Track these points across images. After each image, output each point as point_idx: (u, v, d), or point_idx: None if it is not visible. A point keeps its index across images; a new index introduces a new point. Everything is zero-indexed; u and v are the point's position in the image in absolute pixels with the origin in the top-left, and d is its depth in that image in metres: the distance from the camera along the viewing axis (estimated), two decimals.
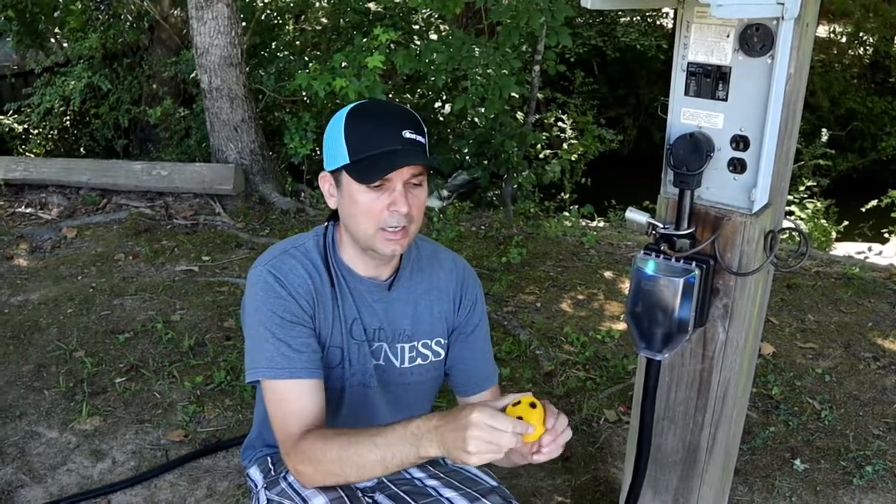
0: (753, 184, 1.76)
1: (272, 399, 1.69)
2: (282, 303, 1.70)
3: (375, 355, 1.83)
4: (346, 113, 1.70)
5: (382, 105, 1.82)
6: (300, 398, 1.67)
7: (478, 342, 1.94)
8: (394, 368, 1.86)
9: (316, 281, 1.75)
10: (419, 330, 1.86)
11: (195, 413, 3.35)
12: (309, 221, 5.64)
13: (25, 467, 3.00)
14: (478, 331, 1.94)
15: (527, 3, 5.51)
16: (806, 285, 4.68)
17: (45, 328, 4.06)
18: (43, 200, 5.92)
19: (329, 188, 1.75)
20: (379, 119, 1.69)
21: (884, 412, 3.45)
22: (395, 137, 1.65)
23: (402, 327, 1.84)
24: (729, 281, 1.87)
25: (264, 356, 1.68)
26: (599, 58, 12.04)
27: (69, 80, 7.72)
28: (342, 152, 1.67)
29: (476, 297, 1.94)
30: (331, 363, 1.79)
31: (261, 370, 1.69)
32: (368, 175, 1.63)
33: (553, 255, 5.16)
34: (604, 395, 3.54)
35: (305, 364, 1.68)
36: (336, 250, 1.80)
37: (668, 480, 2.19)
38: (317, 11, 8.39)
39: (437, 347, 1.89)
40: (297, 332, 1.70)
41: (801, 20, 1.68)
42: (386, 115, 1.71)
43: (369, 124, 1.68)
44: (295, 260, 1.75)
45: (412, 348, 1.86)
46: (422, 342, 1.87)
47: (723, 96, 1.75)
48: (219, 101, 5.92)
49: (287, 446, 1.65)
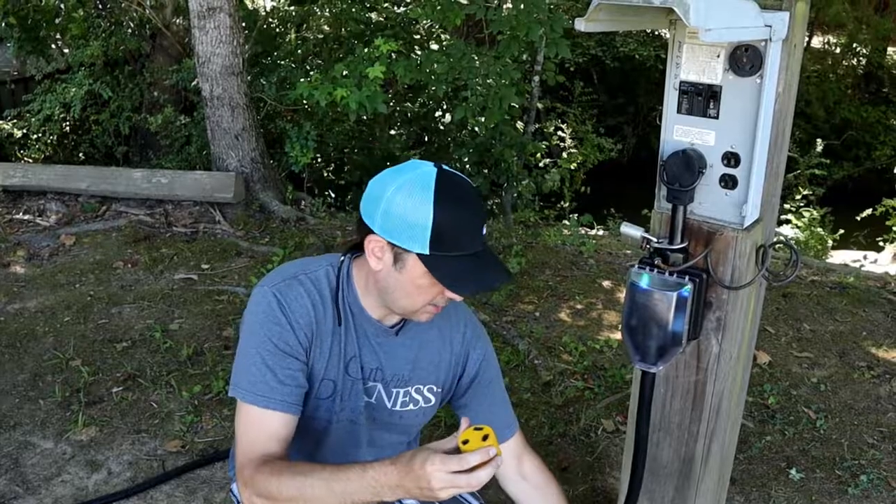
0: (744, 199, 1.79)
1: (243, 421, 1.69)
2: (279, 330, 1.68)
3: (368, 393, 1.82)
4: (433, 191, 1.56)
5: (465, 187, 1.63)
6: (269, 430, 1.67)
7: (487, 395, 1.94)
8: (384, 409, 1.85)
9: (319, 313, 1.72)
10: (416, 375, 1.85)
11: (193, 423, 3.37)
12: (309, 230, 5.66)
13: (19, 478, 3.00)
14: (494, 383, 1.95)
15: (526, 14, 5.55)
16: (802, 294, 4.71)
17: (42, 336, 4.07)
18: (41, 207, 5.93)
19: (378, 252, 1.64)
20: (467, 210, 1.61)
21: (878, 421, 3.48)
22: (477, 236, 1.60)
23: (400, 372, 1.83)
24: (722, 294, 1.90)
25: (248, 378, 1.68)
26: (599, 67, 12.10)
27: (70, 86, 7.73)
28: (422, 239, 1.56)
29: (485, 352, 1.93)
30: (322, 395, 1.78)
31: (241, 391, 1.69)
32: (458, 286, 1.60)
33: (552, 264, 5.19)
34: (602, 404, 3.56)
35: (285, 397, 1.67)
36: (350, 286, 1.76)
37: (664, 492, 2.21)
38: (318, 20, 8.43)
39: (429, 394, 1.89)
40: (287, 363, 1.68)
41: (789, 41, 1.72)
42: (471, 203, 1.62)
43: (458, 216, 1.59)
44: (303, 288, 1.72)
45: (406, 393, 1.85)
46: (415, 387, 1.86)
47: (714, 114, 1.78)
48: (220, 109, 5.95)
49: (245, 474, 1.64)
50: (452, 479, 1.39)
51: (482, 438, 1.42)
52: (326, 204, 6.70)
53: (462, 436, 1.45)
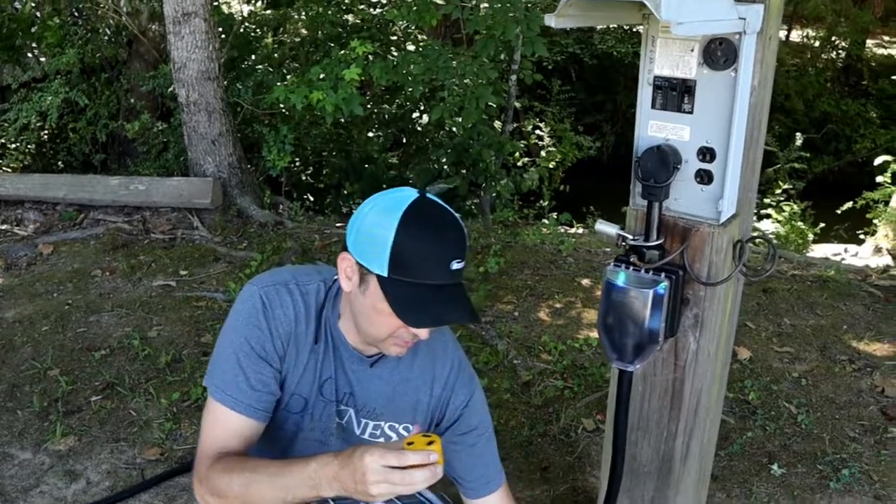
0: (720, 195, 1.78)
1: (209, 417, 1.69)
2: (258, 334, 1.67)
3: (340, 416, 1.78)
4: (401, 213, 1.52)
5: (441, 218, 1.58)
6: (232, 429, 1.66)
7: (477, 445, 1.85)
8: (353, 434, 1.80)
9: (300, 327, 1.70)
10: (389, 412, 1.79)
11: (172, 430, 3.34)
12: (287, 234, 5.63)
13: None
14: (475, 433, 1.84)
15: (503, 13, 5.54)
16: (782, 289, 4.72)
17: (20, 347, 4.03)
18: (19, 216, 5.87)
19: (348, 271, 1.61)
20: (433, 240, 1.54)
21: (859, 415, 3.48)
22: (444, 269, 1.52)
23: (372, 405, 1.78)
24: (699, 291, 1.89)
25: (221, 376, 1.68)
26: (577, 65, 12.12)
27: (46, 95, 7.67)
28: (381, 259, 1.52)
29: (469, 399, 1.83)
30: (292, 409, 1.75)
31: (213, 386, 1.69)
32: (409, 315, 1.53)
33: (531, 263, 5.17)
34: (581, 404, 3.55)
35: (253, 402, 1.66)
36: (335, 307, 1.72)
37: (644, 490, 2.20)
38: (295, 24, 8.39)
39: (404, 432, 1.81)
40: (261, 368, 1.67)
41: (764, 34, 1.71)
42: (442, 235, 1.55)
43: (422, 243, 1.52)
44: (290, 297, 1.70)
45: (377, 427, 1.80)
46: (389, 424, 1.80)
47: (689, 109, 1.77)
48: (196, 114, 5.91)
49: (200, 471, 1.64)
50: (387, 473, 1.37)
51: (427, 444, 1.42)
52: (305, 207, 6.66)
53: (409, 438, 1.44)
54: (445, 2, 6.02)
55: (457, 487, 1.91)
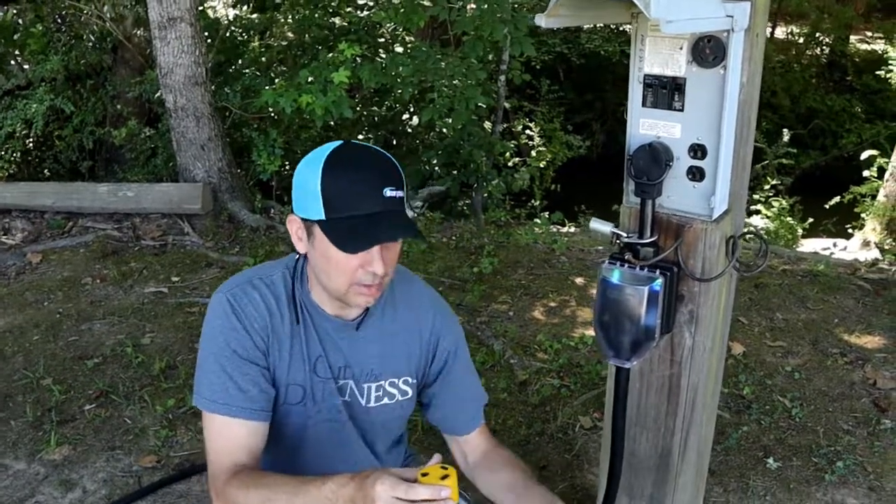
0: (712, 191, 1.79)
1: (209, 432, 1.68)
2: (235, 336, 1.67)
3: (342, 392, 1.79)
4: (323, 160, 1.59)
5: (362, 154, 1.64)
6: (235, 438, 1.66)
7: (457, 384, 1.90)
8: (360, 407, 1.82)
9: (275, 317, 1.71)
10: (387, 369, 1.82)
11: (167, 437, 3.33)
12: (279, 238, 5.63)
13: None
14: (456, 373, 1.89)
15: (490, 14, 5.54)
16: (774, 284, 4.75)
17: (11, 356, 4.01)
18: (6, 226, 5.85)
19: (298, 232, 1.67)
20: (358, 173, 1.59)
21: (852, 407, 3.51)
22: (375, 197, 1.57)
23: (368, 367, 1.80)
24: (693, 287, 1.89)
25: (209, 388, 1.67)
26: (565, 64, 12.13)
27: (31, 102, 7.63)
28: (317, 205, 1.58)
29: (456, 341, 1.89)
30: (291, 400, 1.76)
31: (203, 400, 1.68)
32: (347, 244, 1.56)
33: (524, 263, 5.19)
34: (578, 401, 3.56)
35: (247, 404, 1.66)
36: (304, 284, 1.75)
37: (643, 486, 2.21)
38: (282, 27, 8.38)
39: (404, 387, 1.85)
40: (247, 369, 1.67)
41: (752, 31, 1.72)
42: (366, 167, 1.60)
43: (348, 179, 1.58)
44: (257, 293, 1.71)
45: (379, 387, 1.82)
46: (389, 381, 1.83)
47: (679, 107, 1.77)
48: (184, 120, 5.89)
49: (217, 485, 1.63)
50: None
51: (441, 478, 1.39)
52: None
53: (425, 468, 1.43)
54: (432, 3, 6.03)
55: (441, 430, 1.96)
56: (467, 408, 1.93)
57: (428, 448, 2.57)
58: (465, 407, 1.93)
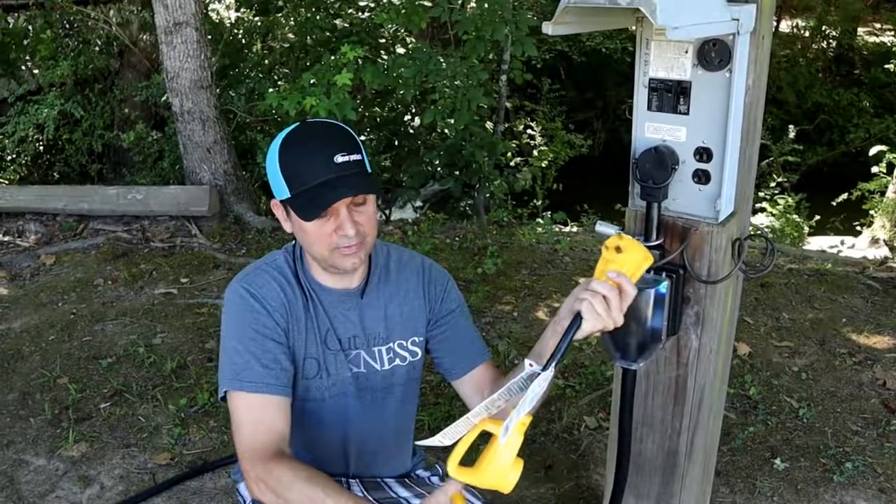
0: (718, 194, 1.80)
1: (237, 412, 1.70)
2: (256, 316, 1.74)
3: (354, 363, 1.86)
4: (279, 143, 1.71)
5: (311, 129, 1.76)
6: (265, 413, 1.69)
7: (458, 324, 1.97)
8: (376, 372, 1.89)
9: (289, 294, 1.80)
10: (393, 331, 1.90)
11: (181, 435, 3.37)
12: (285, 239, 5.64)
13: (15, 496, 3.02)
14: (455, 314, 1.97)
15: (491, 14, 5.55)
16: (780, 283, 4.74)
17: (28, 356, 4.07)
18: (20, 228, 5.91)
19: (281, 214, 1.77)
20: (308, 147, 1.69)
21: (861, 408, 3.50)
22: (327, 165, 1.66)
23: (376, 331, 1.88)
24: (699, 289, 1.90)
25: (233, 369, 1.72)
26: (566, 63, 12.07)
27: (42, 107, 7.68)
28: (282, 185, 1.69)
29: (445, 285, 1.97)
30: (308, 374, 1.82)
31: (228, 381, 1.72)
32: (307, 212, 1.66)
33: (528, 263, 5.20)
34: (583, 402, 3.57)
35: (272, 381, 1.71)
36: (304, 265, 1.84)
37: (650, 486, 2.22)
38: (283, 29, 8.39)
39: (413, 347, 1.93)
40: (269, 346, 1.73)
41: (757, 33, 1.72)
42: (315, 140, 1.71)
43: (299, 155, 1.69)
44: (268, 275, 1.80)
45: (389, 350, 1.90)
46: (397, 342, 1.90)
47: (684, 110, 1.78)
48: (191, 123, 5.93)
49: (258, 468, 1.62)
50: None
51: None
52: None
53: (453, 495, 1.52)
54: (433, 4, 6.04)
55: (446, 375, 2.01)
56: (475, 342, 1.99)
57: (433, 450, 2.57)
58: (473, 343, 1.99)
